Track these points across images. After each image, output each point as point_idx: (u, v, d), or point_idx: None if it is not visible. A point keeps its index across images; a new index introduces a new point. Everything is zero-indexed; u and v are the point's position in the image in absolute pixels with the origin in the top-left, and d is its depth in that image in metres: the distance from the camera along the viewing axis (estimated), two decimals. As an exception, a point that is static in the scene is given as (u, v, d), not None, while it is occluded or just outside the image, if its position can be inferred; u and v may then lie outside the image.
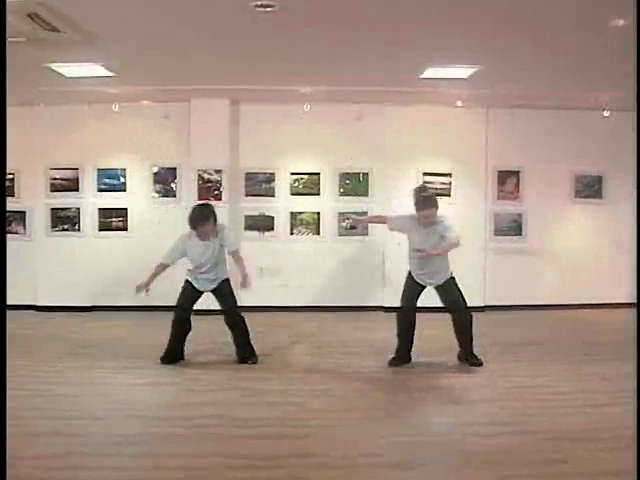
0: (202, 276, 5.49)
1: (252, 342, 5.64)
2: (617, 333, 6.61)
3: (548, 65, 5.90)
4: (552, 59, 5.67)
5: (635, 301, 7.48)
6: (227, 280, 5.59)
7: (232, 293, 5.61)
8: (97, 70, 6.07)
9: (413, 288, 5.47)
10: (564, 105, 7.79)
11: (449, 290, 5.39)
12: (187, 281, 5.56)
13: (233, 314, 5.58)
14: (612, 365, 5.34)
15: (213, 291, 5.56)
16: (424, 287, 5.45)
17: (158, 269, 5.49)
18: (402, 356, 5.46)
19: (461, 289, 5.42)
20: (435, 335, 5.96)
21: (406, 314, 5.47)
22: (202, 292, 5.56)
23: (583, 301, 8.12)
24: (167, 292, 7.84)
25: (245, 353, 5.58)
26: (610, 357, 5.63)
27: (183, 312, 5.52)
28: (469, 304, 5.51)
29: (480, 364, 5.39)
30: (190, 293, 5.54)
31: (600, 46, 5.05)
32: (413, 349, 5.50)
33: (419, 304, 5.51)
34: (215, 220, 5.43)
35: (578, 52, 5.38)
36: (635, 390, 3.87)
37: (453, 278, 5.42)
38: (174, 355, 5.54)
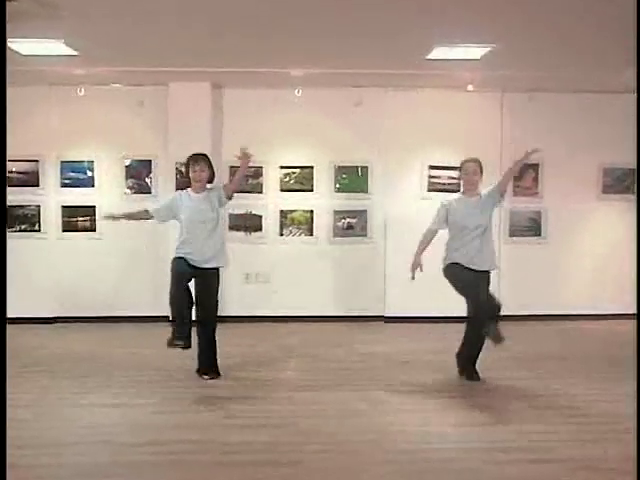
0: (198, 244, 5.35)
1: (218, 355, 5.59)
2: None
3: (570, 43, 5.89)
4: (575, 35, 5.65)
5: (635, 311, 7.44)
6: (218, 272, 5.51)
7: (217, 291, 5.51)
8: (59, 48, 6.02)
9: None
10: (590, 88, 7.78)
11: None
12: (177, 257, 5.38)
13: (210, 315, 5.47)
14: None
15: (200, 275, 5.39)
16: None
17: (140, 213, 5.59)
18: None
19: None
20: (443, 349, 5.90)
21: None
22: (193, 271, 5.36)
23: (612, 311, 8.11)
24: (139, 301, 7.80)
25: (208, 364, 5.52)
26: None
27: (179, 282, 5.31)
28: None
29: (478, 379, 5.43)
30: (181, 268, 5.34)
31: (631, 19, 4.99)
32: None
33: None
34: (212, 169, 5.58)
35: (605, 27, 5.35)
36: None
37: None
38: (184, 335, 5.37)
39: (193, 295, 5.45)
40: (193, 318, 5.46)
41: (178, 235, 5.50)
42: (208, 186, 5.58)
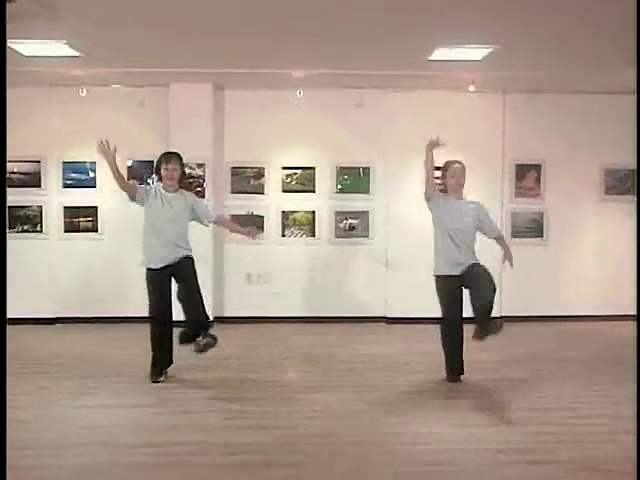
0: (161, 245, 5.34)
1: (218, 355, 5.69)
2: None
3: (571, 43, 5.87)
4: (576, 36, 5.63)
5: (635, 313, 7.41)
6: (191, 258, 5.48)
7: (195, 273, 5.44)
8: (61, 49, 6.01)
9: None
10: (592, 89, 7.77)
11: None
12: (147, 271, 5.40)
13: (194, 292, 5.38)
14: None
15: (174, 269, 5.37)
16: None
17: (123, 179, 5.47)
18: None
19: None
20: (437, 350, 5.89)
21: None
22: (169, 274, 5.37)
23: (614, 312, 8.08)
24: (140, 302, 7.76)
25: (199, 327, 5.41)
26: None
27: (161, 313, 5.37)
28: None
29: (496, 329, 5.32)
30: (158, 283, 5.37)
31: (631, 20, 4.99)
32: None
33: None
34: (183, 169, 5.61)
35: (606, 27, 5.33)
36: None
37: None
38: (163, 365, 5.49)
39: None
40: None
41: (144, 232, 5.46)
42: (188, 195, 5.67)
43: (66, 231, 8.00)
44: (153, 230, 5.42)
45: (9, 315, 7.62)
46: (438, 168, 5.89)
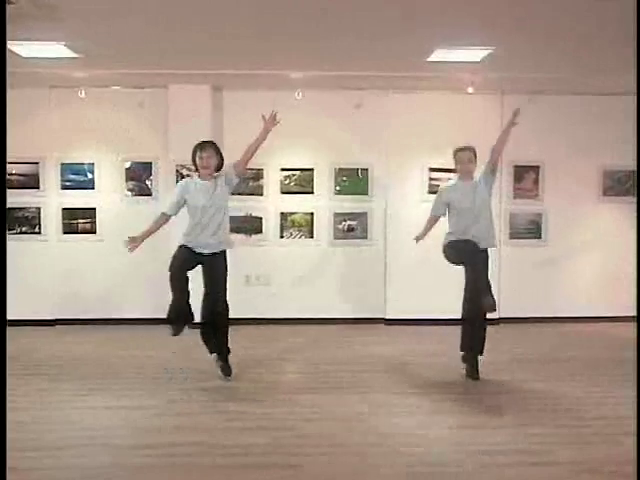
0: (203, 233, 5.41)
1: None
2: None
3: (571, 45, 5.86)
4: (576, 38, 5.63)
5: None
6: (225, 254, 5.59)
7: (226, 275, 5.58)
8: (60, 50, 5.99)
9: None
10: (590, 90, 7.77)
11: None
12: (181, 245, 5.45)
13: (219, 299, 5.55)
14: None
15: (207, 261, 5.46)
16: None
17: (159, 221, 5.50)
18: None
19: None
20: (443, 351, 5.90)
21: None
22: (198, 258, 5.43)
23: (613, 313, 8.07)
24: (140, 303, 7.80)
25: (221, 352, 5.61)
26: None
27: (179, 270, 5.36)
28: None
29: (477, 378, 5.54)
30: (185, 254, 5.42)
31: (631, 21, 5.00)
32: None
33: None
34: (221, 158, 5.61)
35: (605, 29, 5.33)
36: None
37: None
38: (183, 315, 5.43)
39: (194, 288, 5.52)
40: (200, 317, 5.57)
41: (189, 219, 5.51)
42: (215, 174, 5.61)
43: (65, 233, 7.98)
44: (194, 220, 5.47)
45: (9, 317, 7.64)
46: (444, 170, 5.93)
